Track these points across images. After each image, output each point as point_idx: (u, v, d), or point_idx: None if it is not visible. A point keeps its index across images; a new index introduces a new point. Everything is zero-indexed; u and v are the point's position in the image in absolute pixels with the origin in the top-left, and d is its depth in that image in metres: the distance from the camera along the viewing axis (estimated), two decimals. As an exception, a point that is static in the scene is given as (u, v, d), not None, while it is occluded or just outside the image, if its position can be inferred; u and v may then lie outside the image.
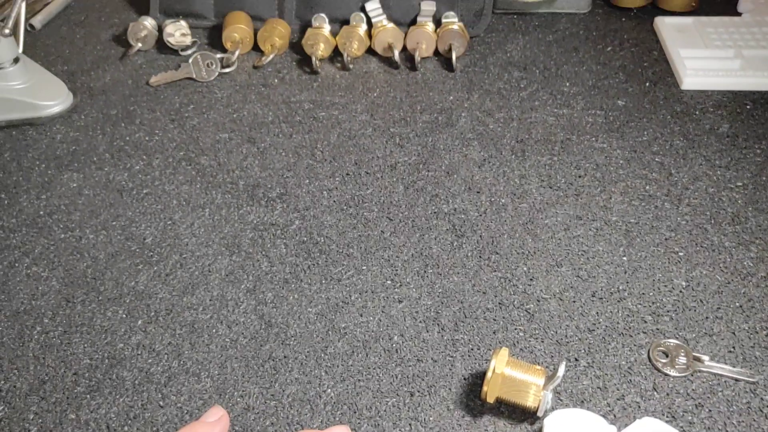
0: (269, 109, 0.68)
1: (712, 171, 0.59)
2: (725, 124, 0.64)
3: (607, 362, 0.46)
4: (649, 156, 0.61)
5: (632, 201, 0.57)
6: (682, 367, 0.45)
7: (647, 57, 0.73)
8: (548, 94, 0.69)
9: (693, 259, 0.52)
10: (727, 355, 0.46)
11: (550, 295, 0.50)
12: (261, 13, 0.76)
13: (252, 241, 0.55)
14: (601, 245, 0.53)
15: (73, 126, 0.66)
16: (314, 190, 0.59)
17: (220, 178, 0.60)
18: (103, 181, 0.60)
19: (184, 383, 0.45)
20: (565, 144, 0.63)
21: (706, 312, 0.48)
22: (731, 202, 0.56)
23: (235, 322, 0.49)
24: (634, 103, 0.67)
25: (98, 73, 0.73)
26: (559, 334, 0.47)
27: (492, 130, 0.65)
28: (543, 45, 0.76)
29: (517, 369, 0.42)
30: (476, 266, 0.52)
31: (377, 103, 0.68)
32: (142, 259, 0.53)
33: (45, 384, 0.46)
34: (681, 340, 0.47)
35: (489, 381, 0.42)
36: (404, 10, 0.74)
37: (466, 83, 0.70)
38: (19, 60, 0.67)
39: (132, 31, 0.75)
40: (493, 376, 0.41)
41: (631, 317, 0.48)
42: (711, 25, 0.75)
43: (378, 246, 0.54)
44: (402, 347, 0.47)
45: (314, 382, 0.45)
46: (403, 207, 0.57)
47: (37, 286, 0.52)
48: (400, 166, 0.61)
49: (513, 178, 0.59)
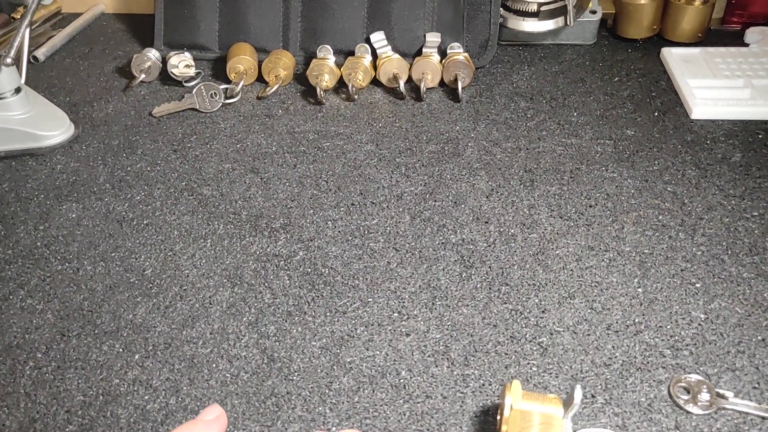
0: (273, 139, 0.67)
1: (727, 201, 0.58)
2: (738, 154, 0.63)
3: (626, 399, 0.43)
4: (661, 185, 0.60)
5: (645, 231, 0.55)
6: (705, 404, 0.43)
7: (655, 87, 0.73)
8: (556, 123, 0.68)
9: (711, 290, 0.50)
10: (752, 392, 0.43)
11: (564, 328, 0.48)
12: (265, 45, 0.76)
13: (254, 272, 0.53)
14: (614, 276, 0.52)
15: (73, 156, 0.65)
16: (318, 220, 0.57)
17: (222, 208, 0.59)
18: (102, 212, 0.59)
19: (182, 421, 0.43)
20: (575, 174, 0.61)
21: (728, 346, 0.46)
22: (747, 232, 0.55)
23: (236, 356, 0.47)
24: (644, 132, 0.66)
25: (101, 104, 0.73)
26: (573, 368, 0.45)
27: (499, 159, 0.63)
28: (549, 75, 0.75)
29: (533, 401, 0.40)
30: (486, 298, 0.50)
31: (382, 133, 0.67)
32: (141, 291, 0.52)
33: (35, 422, 0.44)
34: (702, 375, 0.44)
35: (508, 420, 0.39)
36: (409, 41, 0.74)
37: (472, 113, 0.70)
38: (21, 90, 0.66)
39: (135, 62, 0.75)
40: (511, 413, 0.39)
41: (648, 351, 0.46)
42: (719, 56, 0.75)
43: (384, 277, 0.52)
44: (410, 383, 0.45)
45: (318, 420, 0.43)
46: (409, 237, 0.56)
47: (32, 320, 0.50)
48: (406, 196, 0.60)
49: (522, 209, 0.58)
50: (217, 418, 0.37)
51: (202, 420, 0.37)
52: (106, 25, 0.88)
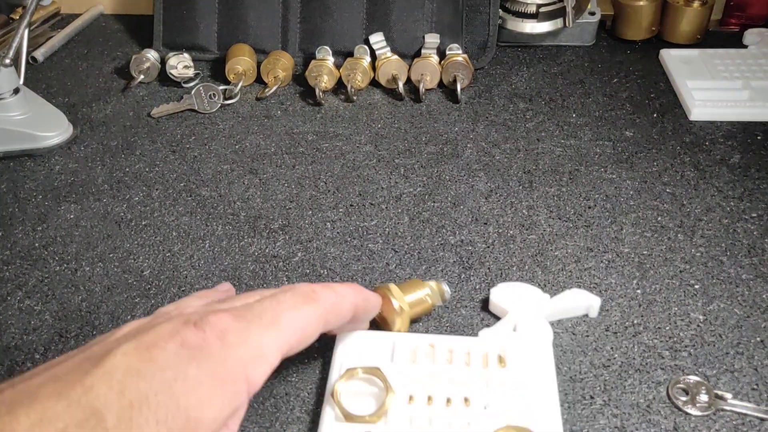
0: (272, 140, 0.67)
1: (725, 202, 0.58)
2: (736, 155, 0.63)
3: (624, 400, 0.43)
4: (660, 187, 0.60)
5: (644, 232, 0.55)
6: (703, 405, 0.43)
7: (654, 88, 0.73)
8: (555, 125, 0.68)
9: (710, 292, 0.50)
10: (751, 393, 0.43)
11: (562, 330, 0.48)
12: (264, 46, 0.76)
13: (253, 273, 0.53)
14: (613, 278, 0.52)
15: (72, 157, 0.65)
16: (317, 221, 0.57)
17: (221, 209, 0.59)
18: (101, 213, 0.59)
19: (180, 422, 0.43)
20: (574, 175, 0.61)
21: (726, 347, 0.46)
22: (746, 234, 0.55)
23: (234, 357, 0.47)
24: (643, 134, 0.66)
25: (99, 104, 0.72)
26: (573, 369, 0.45)
27: (498, 161, 0.63)
28: (548, 77, 0.75)
29: (409, 290, 0.47)
30: (485, 299, 0.50)
31: (381, 134, 0.67)
32: (139, 291, 0.52)
33: (34, 423, 0.43)
34: (701, 376, 0.44)
35: (399, 316, 0.46)
36: (408, 42, 0.74)
37: (471, 114, 0.70)
38: (20, 91, 0.66)
39: (134, 63, 0.75)
40: (401, 312, 0.46)
41: (647, 352, 0.46)
42: (717, 57, 0.75)
43: (383, 278, 0.52)
44: (409, 384, 0.45)
45: (317, 421, 0.43)
46: (408, 238, 0.56)
47: (30, 320, 0.50)
48: (405, 197, 0.60)
49: (521, 210, 0.58)
50: (227, 291, 0.41)
51: (216, 290, 0.42)
52: (105, 26, 0.88)
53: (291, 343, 0.36)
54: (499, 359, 0.43)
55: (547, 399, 0.41)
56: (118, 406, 0.29)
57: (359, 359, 0.43)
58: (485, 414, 0.40)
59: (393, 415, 0.40)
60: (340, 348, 0.45)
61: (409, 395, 0.41)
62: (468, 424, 0.39)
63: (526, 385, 0.42)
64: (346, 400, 0.41)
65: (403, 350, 0.44)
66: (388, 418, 0.40)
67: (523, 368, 0.43)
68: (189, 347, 0.32)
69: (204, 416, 0.31)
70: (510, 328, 0.46)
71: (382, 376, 0.41)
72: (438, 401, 0.41)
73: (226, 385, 0.33)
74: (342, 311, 0.40)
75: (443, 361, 0.43)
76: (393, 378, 0.41)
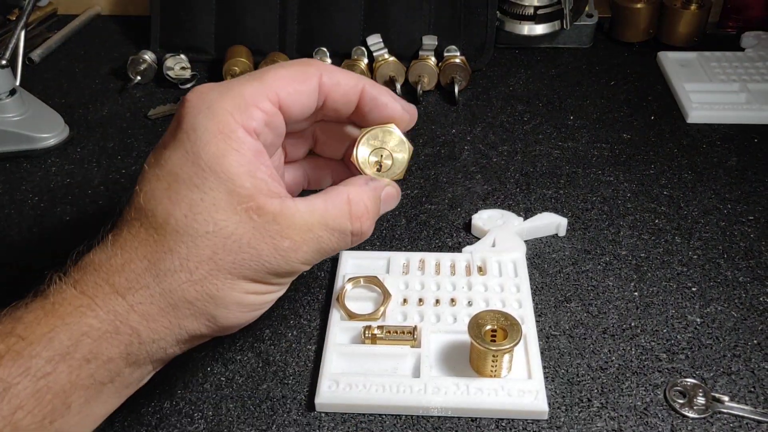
0: (269, 141, 0.67)
1: (723, 204, 0.58)
2: (733, 158, 0.63)
3: (622, 403, 0.43)
4: (657, 189, 0.60)
5: (642, 235, 0.55)
6: (700, 408, 0.42)
7: (651, 91, 0.73)
8: (552, 127, 0.68)
9: (707, 294, 0.50)
10: (748, 395, 0.43)
11: (560, 332, 0.48)
12: (262, 47, 0.76)
13: (250, 275, 0.53)
14: (610, 280, 0.52)
15: (68, 159, 0.65)
16: (314, 223, 0.57)
17: (217, 211, 0.59)
18: (97, 215, 0.59)
19: (176, 425, 0.43)
20: (571, 177, 0.61)
21: (723, 350, 0.46)
22: (743, 236, 0.55)
23: (231, 360, 0.47)
24: (640, 136, 0.66)
25: (96, 106, 0.72)
26: (570, 372, 0.45)
27: (496, 163, 0.63)
28: (546, 79, 0.75)
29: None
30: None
31: (379, 136, 0.67)
32: (135, 294, 0.51)
33: (29, 426, 0.43)
34: (698, 379, 0.44)
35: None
36: (406, 44, 0.74)
37: (468, 116, 0.70)
38: (16, 92, 0.66)
39: (131, 64, 0.75)
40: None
41: (644, 355, 0.46)
42: (714, 60, 0.75)
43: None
44: (406, 387, 0.45)
45: (314, 424, 0.43)
46: (405, 241, 0.55)
47: (25, 322, 0.50)
48: (402, 199, 0.59)
49: (518, 212, 0.58)
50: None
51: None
52: (101, 27, 0.88)
53: (279, 93, 0.36)
54: (479, 269, 0.50)
55: (521, 295, 0.48)
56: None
57: (359, 272, 0.50)
58: (469, 309, 0.47)
59: (390, 314, 0.47)
60: (342, 263, 0.51)
61: (403, 298, 0.48)
62: (454, 318, 0.47)
63: (504, 286, 0.49)
64: (349, 302, 0.48)
65: (397, 264, 0.51)
66: (386, 317, 0.47)
67: (501, 274, 0.50)
68: (177, 119, 0.36)
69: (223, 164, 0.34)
70: (489, 244, 0.53)
71: (380, 283, 0.49)
72: (428, 303, 0.48)
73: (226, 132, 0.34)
74: (338, 76, 0.38)
75: (432, 272, 0.50)
76: (389, 286, 0.49)
